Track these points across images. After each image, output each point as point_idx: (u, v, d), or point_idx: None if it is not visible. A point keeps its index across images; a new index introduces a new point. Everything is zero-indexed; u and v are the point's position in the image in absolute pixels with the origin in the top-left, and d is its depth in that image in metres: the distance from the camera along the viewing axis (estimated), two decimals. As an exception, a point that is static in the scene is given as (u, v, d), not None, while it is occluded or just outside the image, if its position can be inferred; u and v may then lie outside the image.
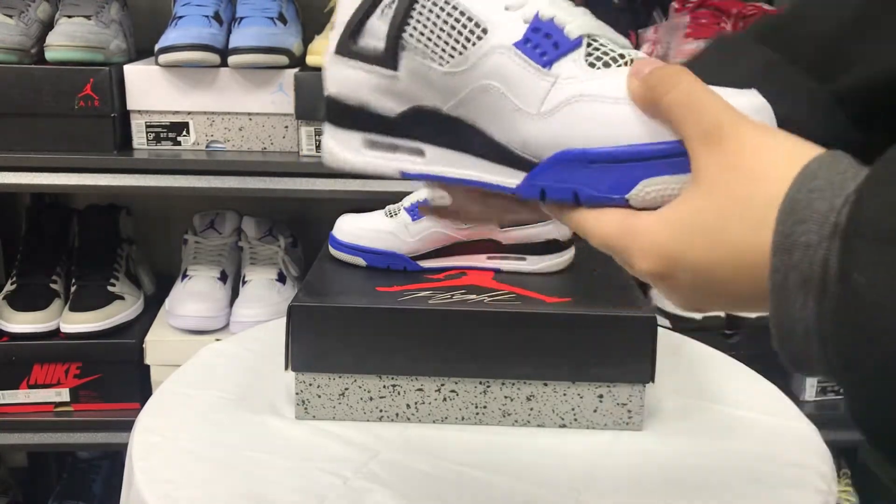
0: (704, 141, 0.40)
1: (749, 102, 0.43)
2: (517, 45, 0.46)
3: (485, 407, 0.81)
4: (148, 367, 1.31)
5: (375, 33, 0.49)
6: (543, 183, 0.45)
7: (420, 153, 0.50)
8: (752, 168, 0.39)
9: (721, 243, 0.39)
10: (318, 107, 1.17)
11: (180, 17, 1.28)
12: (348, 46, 0.50)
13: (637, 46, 1.29)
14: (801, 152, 0.38)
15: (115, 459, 1.59)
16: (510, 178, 0.47)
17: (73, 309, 1.32)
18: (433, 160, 0.50)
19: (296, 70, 1.27)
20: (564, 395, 0.80)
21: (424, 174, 0.50)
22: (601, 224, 0.44)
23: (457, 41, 0.47)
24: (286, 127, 1.29)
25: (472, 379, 0.80)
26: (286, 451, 0.76)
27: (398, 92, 0.50)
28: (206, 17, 1.28)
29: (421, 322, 0.79)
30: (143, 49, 1.38)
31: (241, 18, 1.29)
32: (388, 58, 0.49)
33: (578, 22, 0.47)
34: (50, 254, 1.42)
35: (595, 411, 0.80)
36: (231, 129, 1.29)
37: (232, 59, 1.24)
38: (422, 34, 0.48)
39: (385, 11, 0.49)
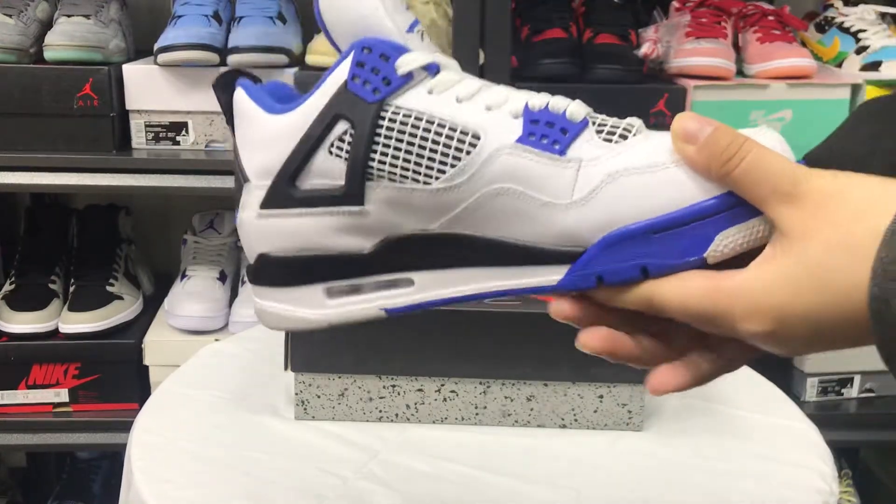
0: (785, 200, 0.40)
1: (772, 140, 0.42)
2: (521, 141, 0.43)
3: (485, 407, 0.81)
4: (147, 367, 1.31)
5: (326, 172, 0.45)
6: (599, 268, 0.42)
7: (405, 283, 0.46)
8: (844, 211, 0.39)
9: (828, 286, 0.38)
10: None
11: (179, 17, 1.28)
12: (286, 196, 0.46)
13: (637, 46, 1.29)
14: (891, 186, 0.38)
15: (114, 459, 1.59)
16: (546, 276, 0.44)
17: (72, 309, 1.32)
18: (426, 286, 0.46)
19: (295, 69, 1.26)
20: (564, 395, 0.80)
21: (417, 304, 0.46)
22: (686, 292, 0.41)
23: (445, 154, 0.44)
24: (286, 126, 1.28)
25: (472, 379, 0.80)
26: (286, 452, 0.76)
27: (367, 227, 0.45)
28: (206, 16, 1.28)
29: (421, 322, 0.79)
30: (142, 49, 1.38)
31: (241, 18, 1.29)
32: (352, 194, 0.44)
33: (575, 103, 0.45)
34: (49, 254, 1.42)
35: (595, 411, 0.80)
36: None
37: (231, 59, 1.24)
38: (395, 159, 0.44)
39: (336, 145, 0.45)
